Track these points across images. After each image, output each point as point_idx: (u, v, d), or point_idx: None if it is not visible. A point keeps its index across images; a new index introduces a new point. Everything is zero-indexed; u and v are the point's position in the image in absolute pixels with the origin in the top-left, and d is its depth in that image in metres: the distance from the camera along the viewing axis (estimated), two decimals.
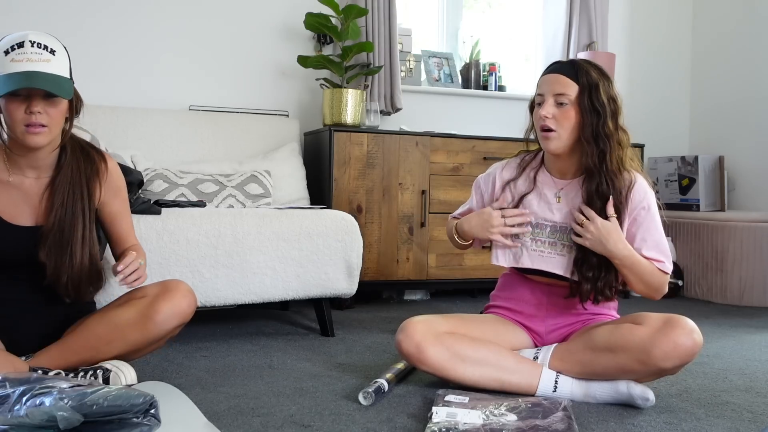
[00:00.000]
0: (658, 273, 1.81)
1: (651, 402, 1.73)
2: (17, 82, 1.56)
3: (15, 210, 1.71)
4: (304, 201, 3.14)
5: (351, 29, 3.25)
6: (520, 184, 1.96)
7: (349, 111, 3.21)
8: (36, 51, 1.59)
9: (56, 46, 1.65)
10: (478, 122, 3.85)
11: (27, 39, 1.60)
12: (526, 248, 1.92)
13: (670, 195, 3.95)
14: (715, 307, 3.47)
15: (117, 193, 1.84)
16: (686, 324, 1.69)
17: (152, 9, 3.27)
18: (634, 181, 1.84)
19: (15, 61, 1.57)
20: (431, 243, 3.25)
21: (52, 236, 1.70)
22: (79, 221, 1.73)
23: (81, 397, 1.29)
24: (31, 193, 1.73)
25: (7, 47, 1.59)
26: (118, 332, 1.72)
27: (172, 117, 3.11)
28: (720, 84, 4.29)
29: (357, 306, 3.20)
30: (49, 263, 1.69)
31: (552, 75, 1.84)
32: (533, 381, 1.79)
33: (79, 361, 1.71)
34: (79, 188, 1.74)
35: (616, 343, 1.72)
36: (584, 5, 3.94)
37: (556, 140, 1.82)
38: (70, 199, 1.72)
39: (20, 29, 1.68)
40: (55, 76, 1.61)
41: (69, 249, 1.70)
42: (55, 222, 1.70)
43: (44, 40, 1.63)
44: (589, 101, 1.80)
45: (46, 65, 1.60)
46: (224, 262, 2.29)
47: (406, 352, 1.81)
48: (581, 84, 1.81)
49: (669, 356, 1.67)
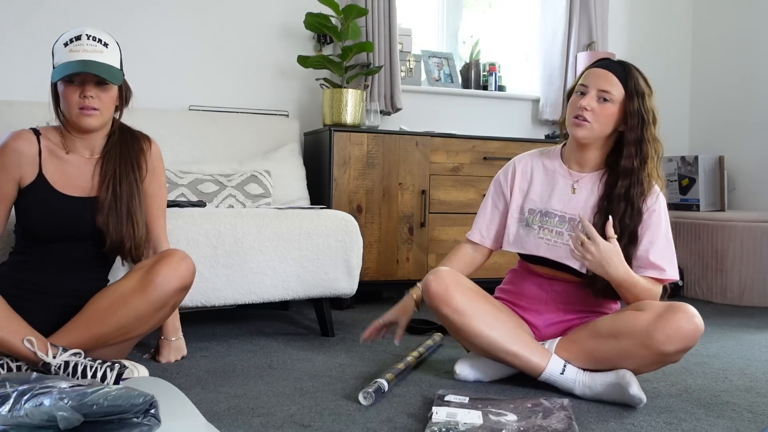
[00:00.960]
0: (653, 290, 1.84)
1: (643, 402, 1.72)
2: (73, 68, 1.77)
3: (71, 183, 1.87)
4: (304, 201, 3.14)
5: (351, 29, 3.25)
6: (536, 174, 2.01)
7: (349, 111, 3.21)
8: (91, 43, 1.80)
9: (109, 41, 1.86)
10: (478, 122, 3.85)
11: (84, 33, 1.82)
12: (533, 235, 1.94)
13: (670, 195, 3.95)
14: (715, 307, 3.47)
15: (153, 172, 2.00)
16: (688, 309, 1.72)
17: (152, 9, 3.27)
18: (653, 187, 1.89)
19: (73, 51, 1.79)
20: (431, 243, 3.25)
21: (108, 204, 1.85)
22: (134, 189, 1.91)
23: (81, 397, 1.29)
24: (85, 170, 1.90)
25: (66, 39, 1.82)
26: (121, 301, 1.80)
27: (172, 117, 3.11)
28: (720, 84, 4.29)
29: (357, 306, 3.20)
30: (107, 230, 1.84)
31: (601, 70, 1.88)
32: (542, 362, 1.81)
33: (90, 336, 1.77)
34: (128, 161, 1.92)
35: (620, 329, 1.75)
36: (584, 5, 3.94)
37: (587, 130, 1.87)
38: (120, 171, 1.89)
39: (21, 27, 1.72)
40: (106, 65, 1.81)
41: (128, 215, 1.87)
42: (109, 191, 1.86)
43: (99, 34, 1.84)
44: (638, 106, 1.84)
45: (99, 56, 1.80)
46: (224, 262, 2.29)
47: (434, 291, 1.84)
48: (628, 88, 1.86)
49: (671, 339, 1.69)
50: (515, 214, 2.02)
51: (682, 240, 3.78)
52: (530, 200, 2.00)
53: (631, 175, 1.85)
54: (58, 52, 1.83)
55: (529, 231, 1.97)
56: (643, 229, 1.86)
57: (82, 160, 1.91)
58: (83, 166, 1.90)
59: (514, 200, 2.02)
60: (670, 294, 3.60)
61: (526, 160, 2.06)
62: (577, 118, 1.86)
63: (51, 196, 1.84)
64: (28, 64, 3.04)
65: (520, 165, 2.05)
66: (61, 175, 1.86)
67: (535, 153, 2.07)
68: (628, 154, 1.86)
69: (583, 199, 1.92)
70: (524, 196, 2.01)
